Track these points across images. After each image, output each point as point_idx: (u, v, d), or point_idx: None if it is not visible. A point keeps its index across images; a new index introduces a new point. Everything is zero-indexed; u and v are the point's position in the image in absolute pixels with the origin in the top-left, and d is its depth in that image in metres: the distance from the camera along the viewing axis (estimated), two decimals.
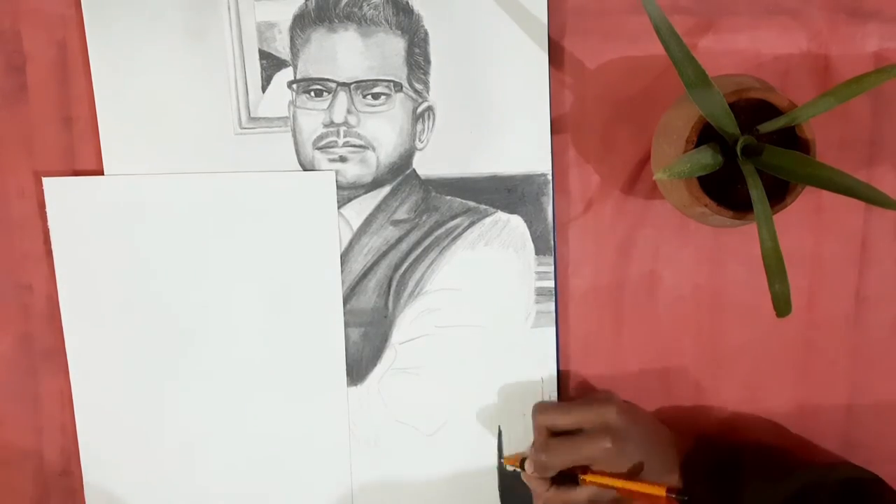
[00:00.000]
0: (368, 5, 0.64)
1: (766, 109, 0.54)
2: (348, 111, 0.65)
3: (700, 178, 0.54)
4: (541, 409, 0.66)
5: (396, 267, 0.67)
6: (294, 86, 0.65)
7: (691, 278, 0.67)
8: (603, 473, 0.62)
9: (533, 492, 0.66)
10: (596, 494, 0.63)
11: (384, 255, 0.67)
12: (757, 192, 0.52)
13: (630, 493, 0.61)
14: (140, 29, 0.65)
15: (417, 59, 0.65)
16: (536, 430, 0.66)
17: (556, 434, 0.64)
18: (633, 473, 0.62)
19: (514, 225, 0.67)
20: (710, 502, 0.61)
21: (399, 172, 0.66)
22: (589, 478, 0.62)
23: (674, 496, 0.60)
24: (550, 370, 0.68)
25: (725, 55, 0.64)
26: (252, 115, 0.66)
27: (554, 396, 0.68)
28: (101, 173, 0.67)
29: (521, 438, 0.69)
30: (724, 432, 0.69)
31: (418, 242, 0.67)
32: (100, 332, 0.68)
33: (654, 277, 0.67)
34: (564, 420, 0.64)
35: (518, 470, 0.67)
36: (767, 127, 0.53)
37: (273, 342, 0.68)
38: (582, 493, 0.63)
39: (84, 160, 0.67)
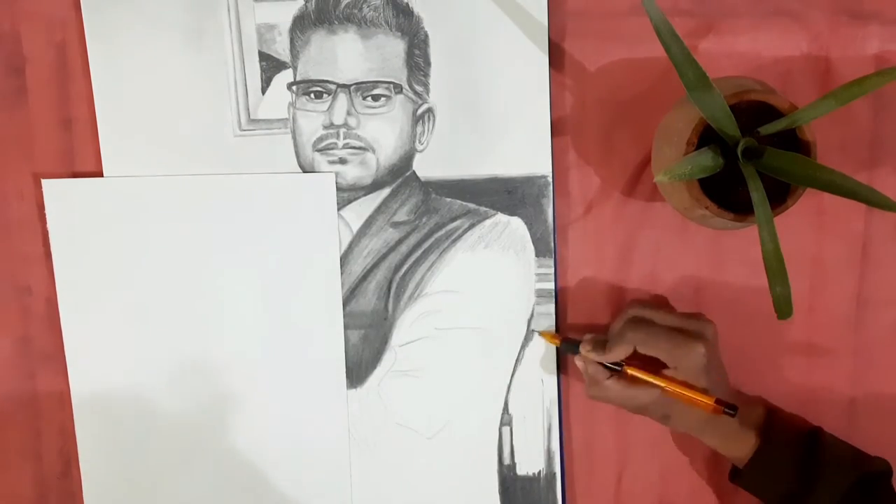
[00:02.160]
0: (368, 7, 0.64)
1: (767, 111, 0.54)
2: (348, 113, 0.65)
3: (701, 181, 0.54)
4: (636, 301, 0.65)
5: (396, 269, 0.67)
6: (294, 87, 0.65)
7: (692, 280, 0.67)
8: (659, 374, 0.60)
9: (588, 377, 0.63)
10: (653, 401, 0.61)
11: (384, 257, 0.67)
12: (758, 195, 0.52)
13: (677, 395, 0.60)
14: (139, 31, 0.65)
15: (417, 61, 0.65)
16: (627, 315, 0.63)
17: None
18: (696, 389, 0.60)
19: (514, 227, 0.67)
20: (785, 474, 0.60)
21: (399, 174, 0.66)
22: (633, 371, 0.61)
23: (723, 407, 0.59)
24: (551, 372, 0.68)
25: (726, 57, 0.64)
26: (252, 117, 0.66)
27: (554, 398, 0.68)
28: (101, 175, 0.67)
29: (521, 440, 0.69)
30: None
31: (418, 244, 0.67)
32: (99, 334, 0.68)
33: (655, 279, 0.67)
34: (661, 318, 0.62)
35: (554, 343, 0.65)
36: (768, 129, 0.53)
37: (273, 344, 0.68)
38: (642, 394, 0.61)
39: (83, 162, 0.67)
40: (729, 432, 0.62)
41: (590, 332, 0.66)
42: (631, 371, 0.61)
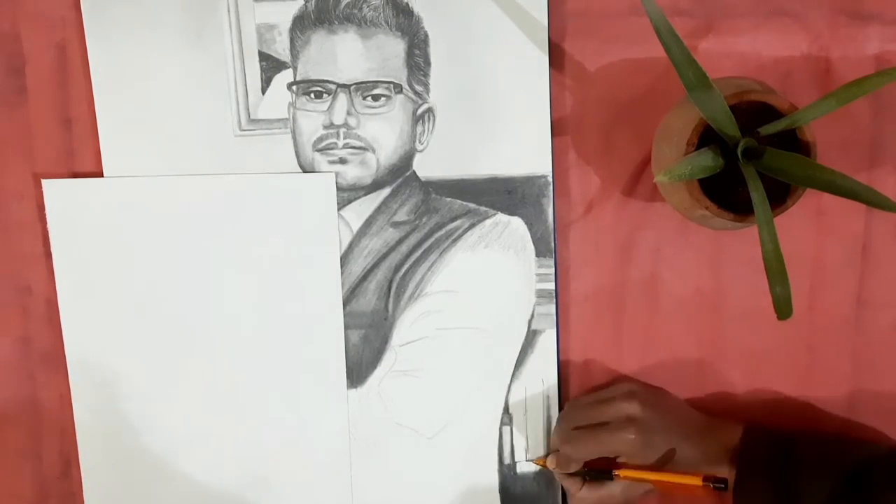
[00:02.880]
0: (368, 7, 0.64)
1: (767, 112, 0.54)
2: (348, 113, 0.65)
3: (701, 181, 0.54)
4: (562, 415, 0.67)
5: (396, 269, 0.67)
6: (294, 87, 0.65)
7: (692, 281, 0.67)
8: (636, 467, 0.61)
9: (566, 491, 0.66)
10: (629, 488, 0.63)
11: (384, 256, 0.67)
12: (758, 195, 0.52)
13: (665, 484, 0.61)
14: (139, 31, 0.65)
15: (417, 61, 0.65)
16: (559, 426, 0.66)
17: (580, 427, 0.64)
18: (664, 463, 0.61)
19: (514, 227, 0.67)
20: (767, 493, 0.60)
21: (399, 174, 0.66)
22: (622, 472, 0.62)
23: (710, 484, 0.59)
24: (551, 372, 0.68)
25: (726, 57, 0.64)
26: (252, 117, 0.66)
27: (554, 398, 0.68)
28: (101, 175, 0.66)
29: (521, 440, 0.69)
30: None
31: (418, 244, 0.67)
32: (99, 335, 0.68)
33: (655, 280, 0.67)
34: (587, 419, 0.64)
35: (545, 469, 0.67)
36: (768, 129, 0.53)
37: (273, 344, 0.68)
38: (615, 487, 0.63)
39: (83, 162, 0.67)
40: (708, 462, 0.62)
41: (590, 335, 0.66)
42: (623, 474, 0.62)
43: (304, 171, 0.66)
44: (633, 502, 0.66)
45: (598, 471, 0.64)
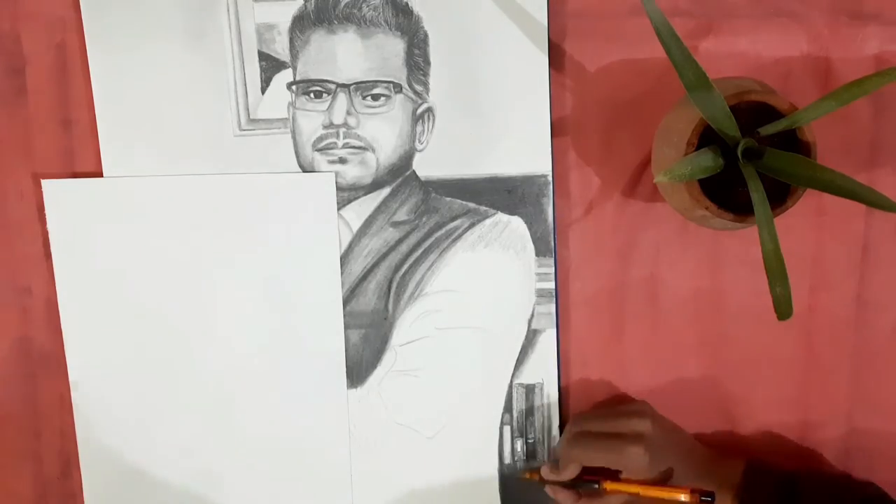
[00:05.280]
0: (368, 6, 0.64)
1: (767, 112, 0.54)
2: (348, 112, 0.65)
3: (701, 181, 0.54)
4: (574, 417, 0.66)
5: (396, 269, 0.67)
6: (293, 87, 0.65)
7: (692, 281, 0.67)
8: (628, 481, 0.61)
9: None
10: (628, 499, 0.62)
11: (384, 256, 0.67)
12: (758, 195, 0.52)
13: (655, 499, 0.60)
14: (139, 31, 0.65)
15: (417, 61, 0.65)
16: (568, 430, 0.66)
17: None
18: (663, 482, 0.61)
19: (514, 226, 0.67)
20: None
21: (399, 174, 0.66)
22: (610, 485, 0.61)
23: (699, 497, 0.59)
24: (551, 372, 0.68)
25: (726, 58, 0.64)
26: (251, 117, 0.66)
27: (555, 398, 0.68)
28: (101, 175, 0.66)
29: (521, 439, 0.69)
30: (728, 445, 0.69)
31: (418, 244, 0.67)
32: (99, 335, 0.68)
33: (655, 280, 0.67)
34: (599, 427, 0.64)
35: (539, 482, 0.66)
36: (768, 130, 0.53)
37: (273, 344, 0.68)
38: (613, 501, 0.62)
39: (83, 162, 0.67)
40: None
41: (590, 335, 0.66)
42: (609, 486, 0.62)
43: (304, 171, 0.66)
44: None
45: (586, 482, 0.63)
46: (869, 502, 0.61)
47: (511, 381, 0.68)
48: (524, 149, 0.66)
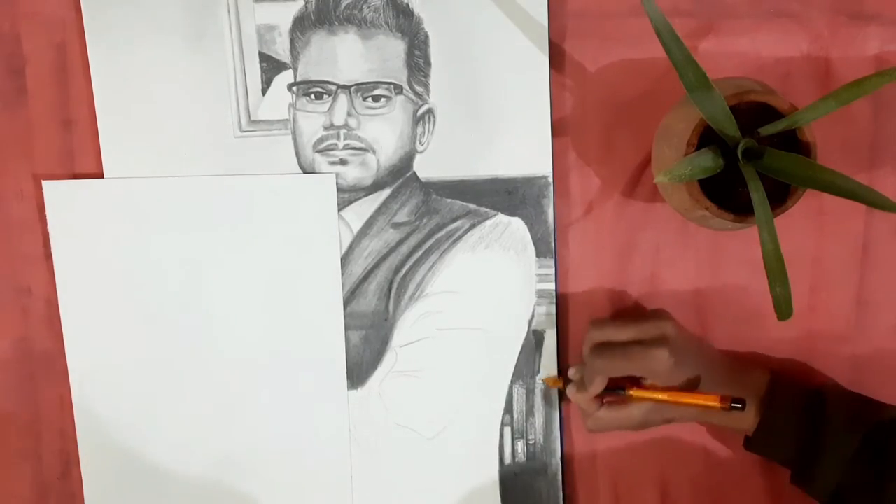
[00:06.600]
0: (368, 8, 0.64)
1: (767, 112, 0.54)
2: (348, 114, 0.65)
3: (701, 181, 0.54)
4: (594, 323, 0.64)
5: (397, 270, 0.67)
6: (294, 88, 0.65)
7: (692, 281, 0.67)
8: (655, 387, 0.60)
9: (583, 412, 0.64)
10: (650, 413, 0.61)
11: (384, 257, 0.67)
12: (758, 195, 0.52)
13: (681, 404, 0.59)
14: (140, 32, 0.65)
15: (418, 62, 0.65)
16: (588, 340, 0.64)
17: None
18: (689, 388, 0.60)
19: (514, 227, 0.67)
20: (789, 441, 0.60)
21: (399, 175, 0.66)
22: (636, 392, 0.60)
23: (729, 404, 0.57)
24: (551, 373, 0.68)
25: (726, 58, 0.64)
26: (252, 118, 0.66)
27: (555, 398, 0.68)
28: (101, 176, 0.66)
29: (521, 440, 0.69)
30: None
31: (419, 245, 0.67)
32: (99, 336, 0.68)
33: (655, 280, 0.67)
34: (620, 335, 0.62)
35: (560, 390, 0.65)
36: (768, 130, 0.53)
37: (273, 345, 0.68)
38: (635, 410, 0.61)
39: (84, 163, 0.67)
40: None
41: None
42: (635, 393, 0.60)
43: (305, 172, 0.66)
44: (651, 426, 0.63)
45: (611, 389, 0.61)
46: (893, 423, 0.59)
47: (511, 382, 0.68)
48: (524, 150, 0.66)
